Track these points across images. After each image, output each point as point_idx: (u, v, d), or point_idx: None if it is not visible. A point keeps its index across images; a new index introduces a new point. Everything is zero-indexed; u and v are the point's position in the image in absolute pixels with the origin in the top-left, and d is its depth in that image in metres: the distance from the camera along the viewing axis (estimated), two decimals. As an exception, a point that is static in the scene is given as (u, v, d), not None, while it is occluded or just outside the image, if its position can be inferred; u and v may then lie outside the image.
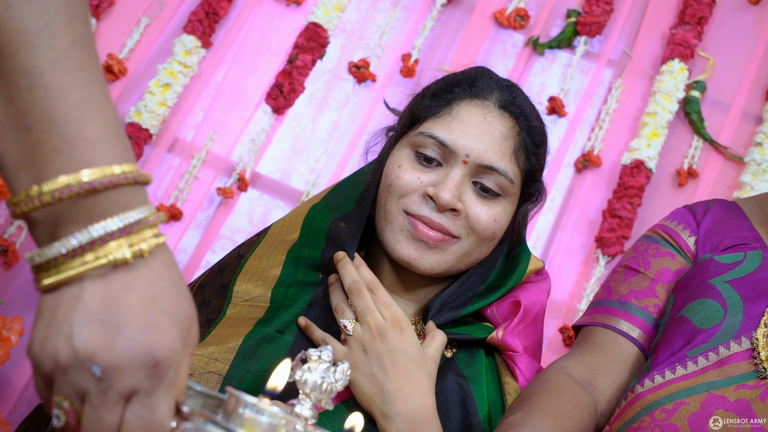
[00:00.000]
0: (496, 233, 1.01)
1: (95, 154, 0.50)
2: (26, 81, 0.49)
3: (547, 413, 0.87)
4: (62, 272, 0.50)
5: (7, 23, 0.48)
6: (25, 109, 0.49)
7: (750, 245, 0.99)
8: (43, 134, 0.49)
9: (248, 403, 0.52)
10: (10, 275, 1.94)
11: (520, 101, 1.03)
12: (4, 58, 0.48)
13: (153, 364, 0.51)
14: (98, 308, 0.50)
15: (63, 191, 0.49)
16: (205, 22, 2.13)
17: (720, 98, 2.18)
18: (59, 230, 0.51)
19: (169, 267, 0.54)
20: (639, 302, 1.02)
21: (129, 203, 0.52)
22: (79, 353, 0.49)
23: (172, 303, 0.53)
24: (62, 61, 0.50)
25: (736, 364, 0.86)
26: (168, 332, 0.52)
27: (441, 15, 2.24)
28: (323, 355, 0.57)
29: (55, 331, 0.50)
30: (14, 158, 0.50)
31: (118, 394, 0.50)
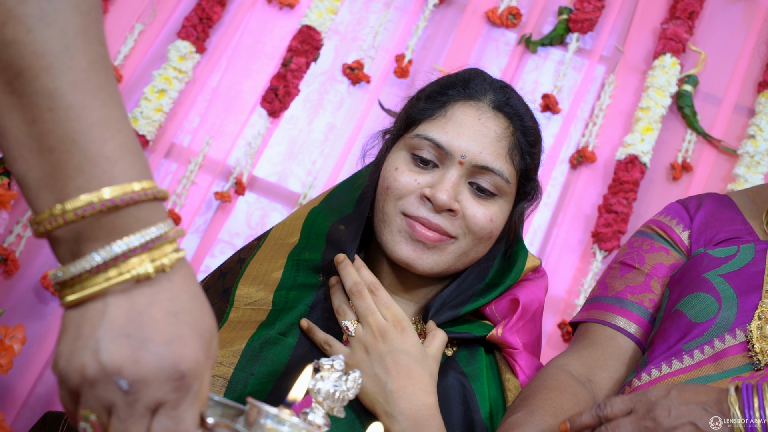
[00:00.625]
0: (493, 232, 1.02)
1: (116, 172, 0.52)
2: (47, 102, 0.50)
3: (548, 412, 0.89)
4: (86, 288, 0.52)
5: (28, 47, 0.49)
6: (47, 130, 0.50)
7: (743, 239, 1.00)
8: (65, 154, 0.51)
9: (270, 414, 0.53)
10: (10, 284, 1.95)
11: (514, 102, 1.04)
12: (26, 81, 0.50)
13: (179, 376, 0.52)
14: (123, 323, 0.51)
15: (86, 209, 0.51)
16: (199, 28, 2.14)
17: (712, 92, 2.19)
18: (82, 247, 0.52)
19: (189, 281, 0.55)
20: (635, 297, 1.04)
21: (149, 219, 0.53)
22: (106, 367, 0.51)
23: (195, 316, 0.54)
24: (82, 83, 0.51)
25: (732, 357, 0.87)
26: (192, 345, 0.53)
27: (433, 15, 2.25)
28: (335, 364, 0.59)
29: (81, 346, 0.51)
30: (36, 178, 0.51)
31: (144, 406, 0.52)
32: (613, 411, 0.80)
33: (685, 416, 0.75)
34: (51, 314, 1.97)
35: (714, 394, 0.76)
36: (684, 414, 0.75)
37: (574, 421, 0.82)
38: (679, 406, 0.76)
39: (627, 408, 0.80)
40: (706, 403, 0.75)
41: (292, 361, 0.93)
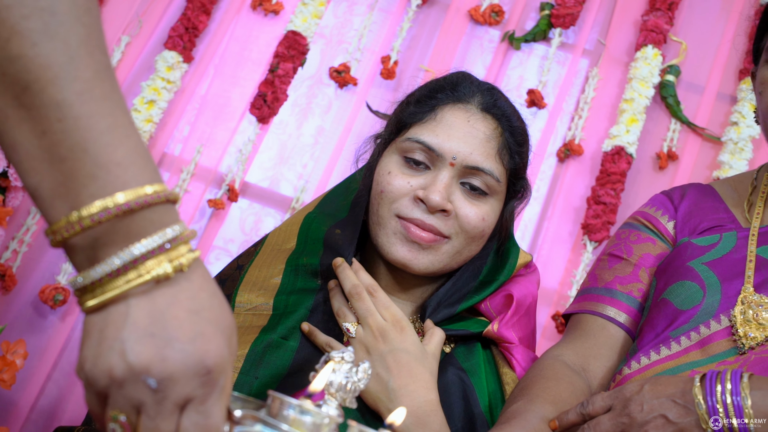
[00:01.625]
0: (485, 231, 1.05)
1: (127, 177, 0.53)
2: (56, 113, 0.51)
3: (546, 400, 0.92)
4: (108, 291, 0.53)
5: (34, 60, 0.50)
6: (57, 140, 0.51)
7: (725, 227, 1.03)
8: (77, 162, 0.52)
9: (292, 404, 0.55)
10: (8, 300, 1.96)
11: (501, 103, 1.07)
12: (33, 94, 0.51)
13: (205, 372, 0.53)
14: (147, 323, 0.52)
15: (102, 214, 0.52)
16: (186, 37, 2.16)
17: (694, 81, 2.23)
18: (99, 253, 0.53)
19: (207, 279, 0.57)
20: (624, 288, 1.07)
21: (163, 221, 0.54)
22: (134, 367, 0.52)
23: (215, 313, 0.55)
24: (88, 92, 0.52)
25: (717, 342, 0.90)
26: (215, 341, 0.54)
27: (417, 15, 2.28)
28: (346, 356, 0.61)
29: (107, 349, 0.52)
30: (49, 188, 0.52)
31: (173, 403, 0.53)
32: (594, 408, 0.84)
33: (656, 410, 0.79)
34: (50, 328, 1.98)
35: (681, 386, 0.80)
36: (655, 408, 0.79)
37: (562, 419, 0.86)
38: (650, 401, 0.80)
39: (606, 405, 0.84)
40: (674, 395, 0.79)
41: (294, 363, 0.96)
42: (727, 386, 0.77)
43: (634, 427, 0.80)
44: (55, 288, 1.93)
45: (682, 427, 0.78)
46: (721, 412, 0.76)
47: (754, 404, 0.76)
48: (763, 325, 0.89)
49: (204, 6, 2.18)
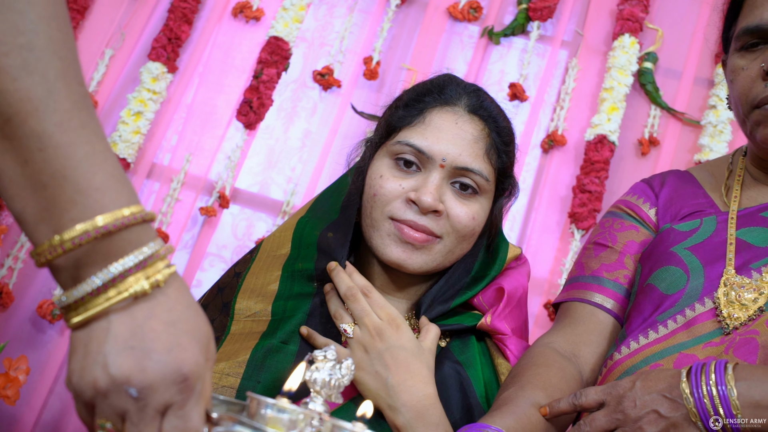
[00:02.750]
0: (475, 230, 1.08)
1: (106, 201, 0.56)
2: (37, 143, 0.54)
3: (537, 386, 0.95)
4: (90, 309, 0.56)
5: (14, 94, 0.53)
6: (39, 168, 0.55)
7: (705, 212, 1.07)
8: (57, 189, 0.55)
9: (269, 404, 0.58)
10: (6, 316, 1.98)
11: (487, 104, 1.10)
12: (15, 126, 0.54)
13: (182, 379, 0.57)
14: (127, 337, 0.56)
15: (82, 237, 0.55)
16: (169, 48, 2.17)
17: (672, 66, 2.27)
18: (81, 272, 0.57)
19: (183, 292, 0.60)
20: (610, 275, 1.10)
21: (140, 240, 0.58)
22: (116, 378, 0.55)
23: (191, 324, 0.59)
24: (67, 122, 0.55)
25: (702, 324, 0.94)
26: (191, 350, 0.58)
27: (397, 15, 2.30)
28: (328, 354, 0.64)
29: (91, 362, 0.56)
30: (33, 213, 0.56)
31: (154, 409, 0.57)
32: (588, 401, 0.88)
33: (648, 405, 0.83)
34: (49, 342, 2.00)
35: (670, 380, 0.84)
36: (647, 403, 0.83)
37: (553, 407, 0.90)
38: (642, 396, 0.83)
39: (600, 399, 0.87)
40: (664, 390, 0.83)
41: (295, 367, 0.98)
42: (712, 377, 0.81)
43: (628, 422, 0.84)
44: (53, 303, 1.95)
45: (674, 421, 0.82)
46: (708, 406, 0.80)
47: (740, 395, 0.80)
48: (745, 305, 0.92)
49: (185, 15, 2.20)
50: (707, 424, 0.81)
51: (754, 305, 0.92)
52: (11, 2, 0.53)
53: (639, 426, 0.83)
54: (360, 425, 0.61)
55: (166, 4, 2.25)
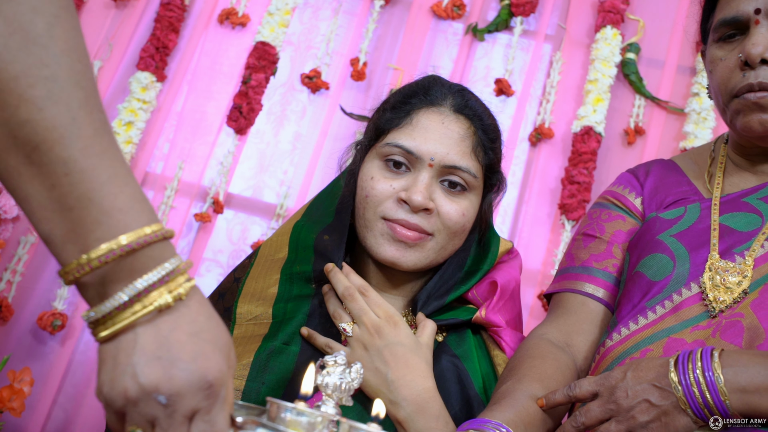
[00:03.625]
0: (466, 226, 1.11)
1: (129, 221, 0.59)
2: (63, 168, 0.57)
3: (534, 378, 0.98)
4: (117, 323, 0.59)
5: (41, 123, 0.56)
6: (65, 192, 0.58)
7: (689, 199, 1.10)
8: (83, 211, 0.58)
9: (288, 408, 0.61)
10: (7, 330, 1.99)
11: (472, 103, 1.13)
12: (42, 152, 0.57)
13: (207, 386, 0.60)
14: (153, 348, 0.59)
15: (108, 255, 0.58)
16: (157, 57, 2.19)
17: (654, 56, 2.30)
18: (108, 289, 0.60)
19: (203, 304, 0.64)
20: (599, 265, 1.13)
21: (162, 256, 0.61)
22: (146, 387, 0.59)
23: (213, 334, 0.63)
24: (90, 147, 0.58)
25: (689, 308, 0.97)
26: (214, 358, 0.61)
27: (381, 16, 2.33)
28: (338, 359, 0.67)
29: (120, 373, 0.59)
30: (60, 234, 0.59)
31: (182, 415, 0.60)
32: (581, 391, 0.91)
33: (640, 395, 0.86)
34: (51, 353, 2.02)
35: (659, 369, 0.87)
36: (639, 393, 0.86)
37: (549, 399, 0.93)
38: (634, 387, 0.87)
39: (593, 389, 0.91)
40: (654, 379, 0.86)
41: (297, 366, 1.02)
42: (698, 365, 0.84)
43: (621, 412, 0.87)
44: (53, 314, 1.97)
45: (665, 409, 0.85)
46: (696, 393, 0.83)
47: (727, 381, 0.83)
48: (730, 288, 0.96)
49: (172, 24, 2.22)
50: (696, 411, 0.84)
51: (738, 288, 0.95)
52: (35, 37, 0.56)
53: (632, 415, 0.86)
54: (375, 426, 0.63)
55: (152, 13, 2.27)
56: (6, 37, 0.55)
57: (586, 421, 0.90)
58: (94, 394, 0.62)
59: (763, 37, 1.00)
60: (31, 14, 0.56)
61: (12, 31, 0.55)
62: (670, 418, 0.85)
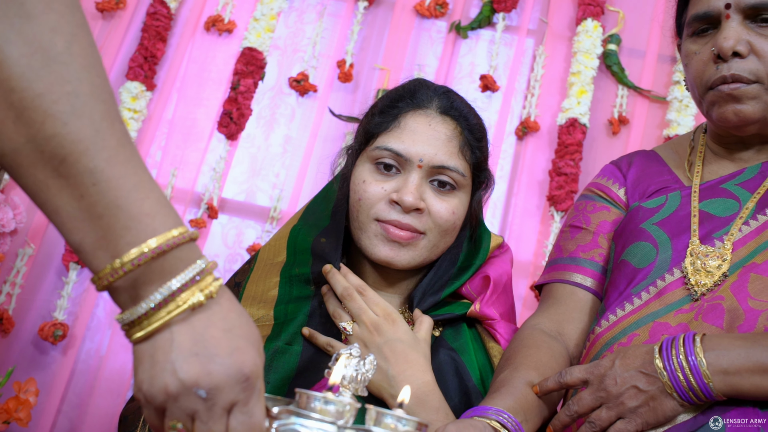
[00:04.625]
0: (456, 223, 1.14)
1: (156, 225, 0.62)
2: (90, 179, 0.60)
3: (529, 367, 1.02)
4: (153, 323, 0.62)
5: (66, 137, 0.59)
6: (94, 201, 0.60)
7: (670, 187, 1.14)
8: (112, 218, 0.61)
9: (317, 397, 0.65)
10: (8, 342, 2.02)
11: (458, 104, 1.16)
12: (69, 165, 0.60)
13: (244, 379, 0.64)
14: (190, 345, 0.62)
15: (140, 259, 0.61)
16: (145, 66, 2.22)
17: (635, 46, 2.34)
18: (141, 291, 0.63)
19: (233, 301, 0.67)
20: (586, 255, 1.17)
21: (190, 257, 0.64)
22: (186, 382, 0.62)
23: (245, 329, 0.66)
24: (114, 157, 0.61)
25: (672, 293, 1.01)
26: (249, 352, 0.65)
27: (365, 17, 2.36)
28: (353, 352, 0.71)
29: (159, 371, 0.62)
30: (91, 242, 0.61)
31: (221, 408, 0.63)
32: (572, 378, 0.96)
33: (628, 382, 0.91)
34: (53, 363, 2.04)
35: (644, 356, 0.92)
36: (627, 380, 0.91)
37: (542, 386, 0.97)
38: (622, 374, 0.91)
39: (583, 377, 0.95)
40: (641, 366, 0.91)
41: (300, 365, 1.05)
42: (681, 350, 0.89)
43: (611, 399, 0.92)
44: (54, 324, 1.99)
45: (652, 394, 0.90)
46: (681, 377, 0.88)
47: (709, 364, 0.88)
48: (710, 272, 1.00)
49: (159, 33, 2.24)
50: (682, 394, 0.89)
51: (718, 271, 0.99)
52: (56, 55, 0.59)
53: (621, 401, 0.91)
54: (400, 411, 0.67)
55: (138, 23, 2.29)
56: (28, 57, 0.58)
57: (579, 409, 0.94)
58: (134, 392, 0.65)
59: (734, 30, 1.04)
60: (50, 34, 0.59)
61: (33, 51, 0.58)
62: (657, 402, 0.90)
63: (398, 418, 0.66)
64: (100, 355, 2.07)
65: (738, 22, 1.05)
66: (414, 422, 0.66)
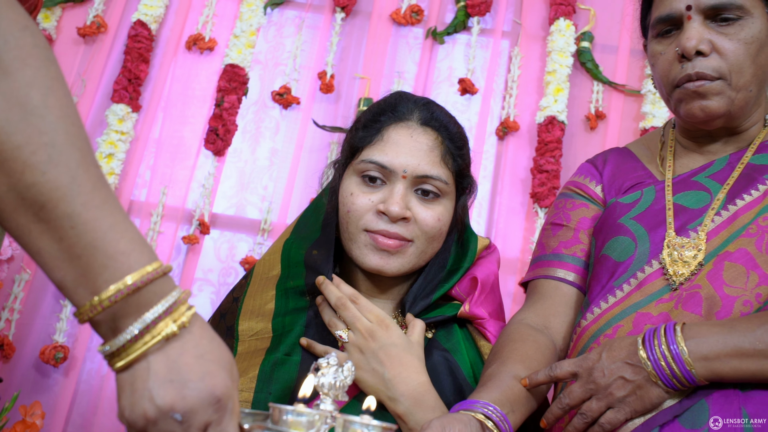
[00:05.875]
0: (442, 229, 1.19)
1: (131, 262, 0.66)
2: (69, 222, 0.64)
3: (516, 360, 1.07)
4: (131, 354, 0.67)
5: (45, 185, 0.63)
6: (72, 243, 0.65)
7: (644, 183, 1.19)
8: (90, 258, 0.65)
9: (289, 410, 0.69)
10: (10, 367, 2.05)
11: (438, 114, 1.21)
12: (49, 210, 0.64)
13: (216, 401, 0.68)
14: (165, 372, 0.67)
15: (117, 295, 0.65)
16: (130, 88, 2.25)
17: (608, 42, 2.40)
18: (119, 324, 0.67)
19: (205, 328, 0.71)
20: (568, 251, 1.22)
21: (164, 290, 0.68)
22: (162, 408, 0.66)
23: (216, 354, 0.70)
24: (90, 201, 0.65)
25: (652, 283, 1.06)
26: (220, 376, 0.69)
27: (343, 28, 2.40)
28: (330, 360, 0.75)
29: (139, 398, 0.67)
30: (72, 280, 0.66)
31: (197, 429, 0.68)
32: (562, 372, 1.01)
33: (615, 373, 0.96)
34: (55, 385, 2.07)
35: (629, 348, 0.97)
36: (614, 371, 0.96)
37: (532, 379, 1.02)
38: (609, 366, 0.96)
39: (572, 370, 1.00)
40: (626, 357, 0.96)
41: (300, 375, 1.10)
42: (663, 340, 0.94)
43: (600, 390, 0.97)
44: (54, 347, 2.03)
45: (638, 383, 0.95)
46: (664, 366, 0.93)
47: (690, 352, 0.93)
48: (687, 262, 1.05)
49: (141, 55, 2.28)
50: (666, 382, 0.94)
51: (694, 261, 1.05)
52: (32, 108, 0.63)
53: (610, 392, 0.96)
54: (367, 417, 0.71)
55: (120, 46, 2.33)
56: (6, 112, 0.62)
57: (570, 402, 0.99)
58: (117, 417, 0.69)
59: (696, 31, 1.09)
60: (26, 89, 0.63)
61: (11, 106, 0.62)
62: (644, 390, 0.95)
63: (365, 424, 0.70)
64: (101, 375, 2.10)
65: (699, 22, 1.10)
66: (379, 427, 0.70)
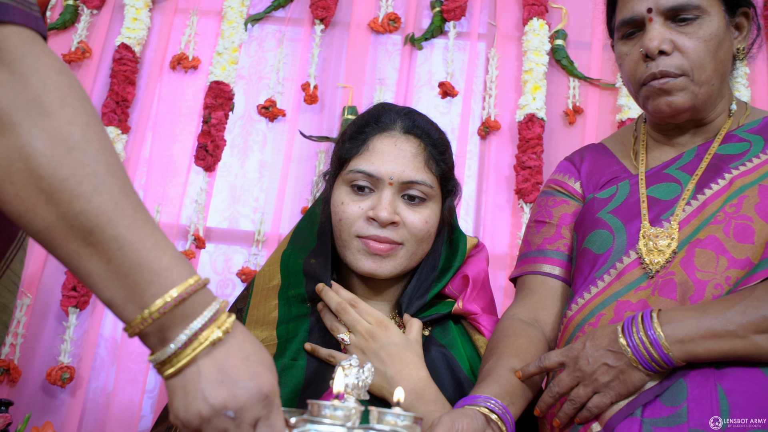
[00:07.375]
0: (430, 231, 1.25)
1: (174, 277, 0.72)
2: (116, 244, 0.70)
3: (511, 354, 1.13)
4: (181, 360, 0.73)
5: (91, 212, 0.69)
6: (120, 263, 0.71)
7: (620, 177, 1.26)
8: (137, 275, 0.71)
9: (326, 405, 0.75)
10: (18, 390, 2.09)
11: (420, 122, 1.27)
12: (96, 235, 0.70)
13: (264, 397, 0.75)
14: (215, 375, 0.73)
15: (164, 307, 0.71)
16: (118, 110, 2.30)
17: (581, 39, 2.47)
18: (167, 334, 0.73)
19: (246, 333, 0.78)
20: (552, 246, 1.29)
21: (206, 300, 0.75)
22: (216, 406, 0.72)
23: (260, 355, 0.77)
24: (133, 223, 0.71)
25: (630, 273, 1.13)
26: (266, 374, 0.76)
27: (323, 39, 2.46)
28: (353, 362, 0.81)
29: (192, 399, 0.73)
30: (120, 297, 0.72)
31: (248, 424, 0.74)
32: (550, 362, 1.08)
33: (599, 360, 1.03)
34: (63, 405, 2.11)
35: (610, 336, 1.04)
36: (598, 359, 1.03)
37: (524, 371, 1.09)
38: (593, 354, 1.03)
39: (560, 360, 1.07)
40: (608, 345, 1.03)
41: (307, 378, 1.16)
42: (640, 327, 1.01)
43: (586, 377, 1.04)
44: (60, 368, 2.07)
45: (620, 369, 1.02)
46: (643, 351, 1.00)
47: (667, 336, 1.00)
48: (662, 251, 1.12)
49: (127, 77, 2.33)
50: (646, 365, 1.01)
51: (668, 249, 1.11)
52: (75, 143, 0.69)
53: (595, 378, 1.03)
54: (398, 409, 0.78)
55: (106, 69, 2.38)
56: (52, 149, 0.68)
57: (560, 390, 1.06)
58: (170, 419, 0.75)
59: (657, 32, 1.16)
60: (68, 126, 0.69)
61: (56, 143, 0.68)
62: (626, 375, 1.02)
63: (397, 414, 0.76)
64: (107, 393, 2.14)
65: (660, 23, 1.17)
66: (411, 417, 0.77)
